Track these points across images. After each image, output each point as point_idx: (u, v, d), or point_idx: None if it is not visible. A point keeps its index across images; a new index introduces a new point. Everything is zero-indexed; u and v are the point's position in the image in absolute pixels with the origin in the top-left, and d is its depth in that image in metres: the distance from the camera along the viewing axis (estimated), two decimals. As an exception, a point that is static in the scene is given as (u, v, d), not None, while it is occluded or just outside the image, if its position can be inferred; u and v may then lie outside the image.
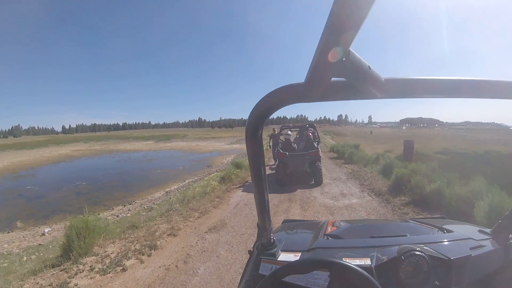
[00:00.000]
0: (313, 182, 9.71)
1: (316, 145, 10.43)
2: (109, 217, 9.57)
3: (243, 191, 9.49)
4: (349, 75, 0.63)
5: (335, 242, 1.47)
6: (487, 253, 1.31)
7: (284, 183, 9.51)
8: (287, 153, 9.73)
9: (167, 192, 14.45)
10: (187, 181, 17.31)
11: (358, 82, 0.65)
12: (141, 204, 12.18)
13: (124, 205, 12.49)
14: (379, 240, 1.41)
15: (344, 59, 0.57)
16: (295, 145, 10.62)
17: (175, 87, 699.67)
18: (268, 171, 11.95)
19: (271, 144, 14.49)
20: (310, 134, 11.14)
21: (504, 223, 1.40)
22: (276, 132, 13.48)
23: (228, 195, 8.92)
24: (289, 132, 11.51)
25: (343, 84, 0.71)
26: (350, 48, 0.56)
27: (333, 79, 0.66)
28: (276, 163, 10.29)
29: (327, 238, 1.54)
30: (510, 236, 1.40)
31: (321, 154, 10.07)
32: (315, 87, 0.67)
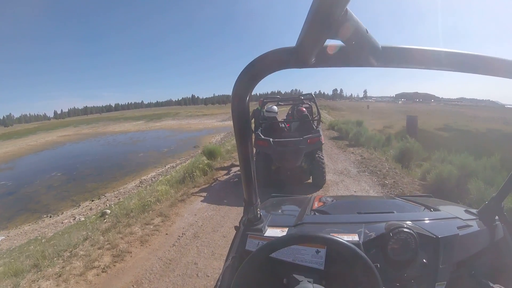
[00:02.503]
0: (310, 181, 6.66)
1: (315, 126, 7.04)
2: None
3: (204, 200, 6.24)
4: (345, 38, 0.60)
5: (322, 217, 1.48)
6: (474, 233, 1.35)
7: (265, 184, 6.10)
8: (270, 139, 6.27)
9: (141, 181, 13.02)
10: (167, 166, 16.09)
11: (355, 47, 0.63)
12: (106, 201, 10.62)
13: (92, 200, 11.65)
14: (366, 216, 1.40)
15: (340, 18, 0.54)
16: (285, 128, 7.46)
17: (168, 61, 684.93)
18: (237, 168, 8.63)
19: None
20: (304, 109, 7.86)
21: (491, 204, 1.45)
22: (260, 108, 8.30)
23: (177, 211, 5.77)
24: (275, 108, 7.57)
25: (338, 49, 0.68)
26: (347, 7, 0.53)
27: (327, 42, 0.62)
28: (255, 155, 6.58)
29: (314, 214, 1.55)
30: (496, 217, 1.45)
31: (323, 139, 6.63)
32: (307, 50, 0.65)
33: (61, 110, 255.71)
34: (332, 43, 0.64)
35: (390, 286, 1.13)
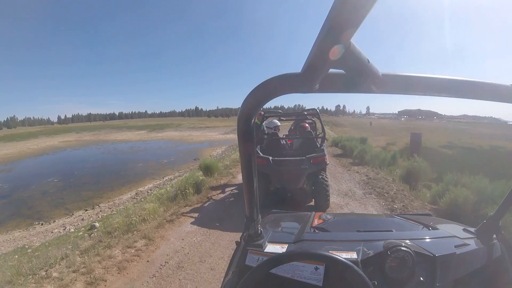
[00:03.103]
0: (312, 204, 6.02)
1: (319, 144, 6.44)
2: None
3: (195, 222, 5.68)
4: (347, 68, 0.64)
5: (322, 235, 1.48)
6: (471, 251, 1.37)
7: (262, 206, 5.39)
8: (270, 157, 5.75)
9: (137, 193, 12.67)
10: (165, 178, 15.73)
11: (356, 76, 0.67)
12: (99, 212, 10.29)
13: (86, 210, 11.30)
14: (366, 234, 1.41)
15: (343, 51, 0.57)
16: (286, 145, 6.99)
17: (173, 72, 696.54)
18: (231, 189, 8.00)
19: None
20: (307, 125, 7.28)
21: (489, 223, 1.47)
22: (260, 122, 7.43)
23: (163, 233, 5.21)
24: (276, 122, 7.27)
25: (341, 76, 0.72)
26: (351, 40, 0.57)
27: (331, 70, 0.67)
28: None
29: (314, 231, 1.54)
30: (494, 236, 1.47)
31: (327, 159, 6.00)
32: (312, 78, 0.68)
33: (65, 116, 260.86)
34: (335, 71, 0.68)
35: None
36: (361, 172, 9.50)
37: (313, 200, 5.91)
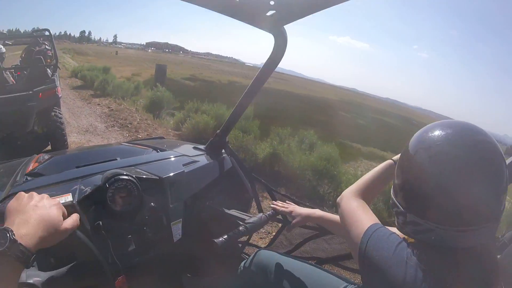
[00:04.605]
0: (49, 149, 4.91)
1: (51, 74, 5.09)
2: None
3: None
4: None
5: (36, 181, 1.19)
6: (201, 167, 1.46)
7: None
8: None
9: None
10: None
11: None
12: None
13: None
14: (85, 169, 1.25)
15: None
16: (10, 78, 5.18)
17: None
18: None
19: None
20: (38, 51, 5.61)
21: (216, 139, 1.62)
22: None
23: None
24: (1, 48, 5.45)
25: None
26: None
27: None
28: None
29: (26, 179, 1.22)
30: (223, 151, 1.66)
31: (60, 92, 4.98)
32: None
33: None
34: None
35: (121, 240, 1.10)
36: (103, 104, 8.90)
37: (50, 144, 4.88)
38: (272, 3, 0.96)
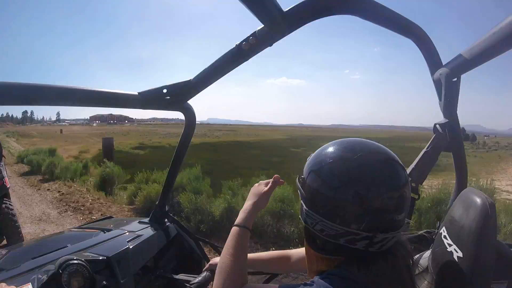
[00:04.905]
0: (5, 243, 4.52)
1: None
2: None
3: None
4: None
5: None
6: (146, 240, 1.55)
7: None
8: None
9: None
10: None
11: None
12: None
13: None
14: (40, 259, 1.32)
15: None
16: None
17: None
18: None
19: None
20: None
21: (157, 211, 1.77)
22: None
23: None
24: None
25: None
26: None
27: None
28: None
29: None
30: (166, 220, 1.80)
31: (8, 183, 4.62)
32: None
33: None
34: None
35: None
36: (53, 189, 8.52)
37: (4, 238, 4.55)
38: (165, 91, 1.26)
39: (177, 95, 1.32)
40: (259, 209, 1.00)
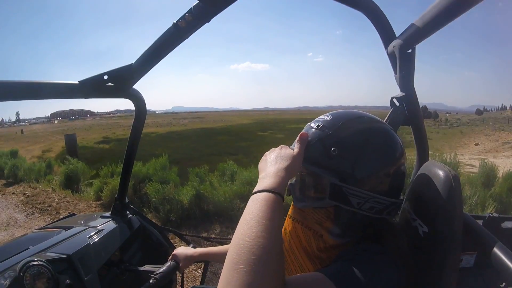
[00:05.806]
0: None
1: None
2: None
3: None
4: None
5: None
6: (108, 233, 1.54)
7: None
8: None
9: None
10: None
11: None
12: None
13: None
14: (3, 264, 1.25)
15: None
16: None
17: None
18: None
19: None
20: None
21: (117, 204, 1.76)
22: None
23: None
24: None
25: None
26: None
27: None
28: None
29: None
30: (128, 212, 1.80)
31: None
32: None
33: None
34: None
35: None
36: (18, 192, 8.14)
37: None
38: (106, 77, 1.20)
39: (120, 81, 1.26)
40: (293, 175, 0.77)
